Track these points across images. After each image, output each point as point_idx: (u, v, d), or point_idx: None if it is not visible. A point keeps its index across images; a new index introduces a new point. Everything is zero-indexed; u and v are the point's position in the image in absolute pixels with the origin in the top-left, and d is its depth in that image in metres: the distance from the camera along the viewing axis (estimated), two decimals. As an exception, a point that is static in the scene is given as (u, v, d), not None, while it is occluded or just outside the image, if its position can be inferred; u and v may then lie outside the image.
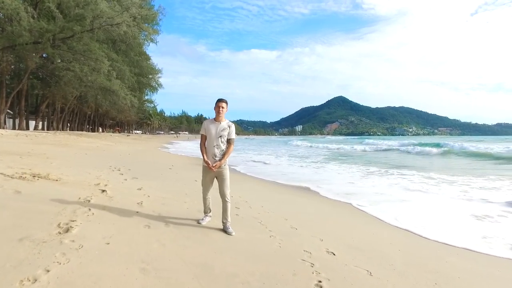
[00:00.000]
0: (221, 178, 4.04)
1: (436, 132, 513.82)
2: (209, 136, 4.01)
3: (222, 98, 4.08)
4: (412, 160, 22.03)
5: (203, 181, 4.17)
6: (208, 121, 4.11)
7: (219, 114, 4.02)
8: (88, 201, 4.32)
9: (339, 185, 9.92)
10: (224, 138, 4.01)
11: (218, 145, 3.98)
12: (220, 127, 4.01)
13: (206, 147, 4.04)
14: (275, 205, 6.20)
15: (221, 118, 4.05)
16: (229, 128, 4.05)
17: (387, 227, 5.42)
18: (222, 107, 4.02)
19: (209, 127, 4.03)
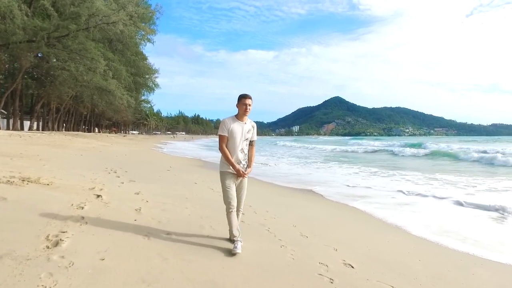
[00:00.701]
0: (243, 186, 3.54)
1: (432, 133, 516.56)
2: (233, 138, 3.38)
3: (247, 94, 3.42)
4: (404, 160, 21.85)
5: (226, 191, 3.40)
6: (230, 120, 3.42)
7: (246, 113, 3.40)
8: (82, 208, 3.96)
9: (342, 187, 9.61)
10: (248, 141, 3.51)
11: (243, 149, 3.44)
12: (245, 128, 3.44)
13: (230, 151, 3.40)
14: (280, 209, 5.88)
15: (245, 118, 3.46)
16: (253, 129, 3.54)
17: (400, 233, 5.11)
18: (249, 105, 3.39)
19: (234, 128, 3.38)
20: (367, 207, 6.89)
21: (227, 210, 3.42)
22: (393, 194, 8.53)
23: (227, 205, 3.41)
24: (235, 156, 3.40)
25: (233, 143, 3.39)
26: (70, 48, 26.23)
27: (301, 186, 9.73)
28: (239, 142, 3.39)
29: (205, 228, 3.98)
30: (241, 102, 3.40)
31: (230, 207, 3.40)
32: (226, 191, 3.41)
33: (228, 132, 3.37)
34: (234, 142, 3.38)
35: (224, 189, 3.44)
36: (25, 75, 32.69)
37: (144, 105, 79.89)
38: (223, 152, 3.39)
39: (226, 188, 3.42)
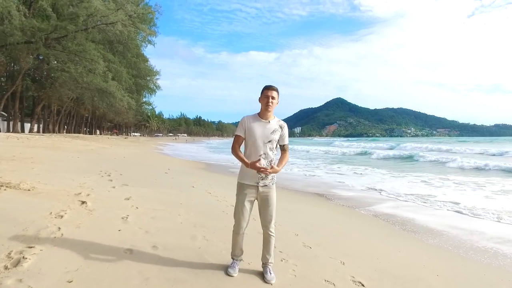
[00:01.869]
0: (267, 201, 2.77)
1: (434, 133, 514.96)
2: (252, 139, 2.71)
3: (272, 85, 2.76)
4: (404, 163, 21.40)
5: (238, 207, 2.79)
6: (250, 118, 2.77)
7: (268, 108, 2.70)
8: (61, 216, 3.57)
9: (348, 190, 9.20)
10: (274, 144, 2.76)
11: (266, 154, 2.71)
12: (269, 128, 2.74)
13: (248, 156, 2.75)
14: (282, 216, 5.46)
15: (270, 115, 2.77)
16: (281, 129, 2.80)
17: (412, 241, 4.69)
18: (272, 97, 2.70)
19: (253, 127, 2.72)
20: (375, 213, 6.48)
21: (233, 230, 2.87)
22: (402, 198, 8.12)
23: (234, 224, 2.84)
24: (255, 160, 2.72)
25: (252, 146, 2.72)
26: (70, 49, 25.99)
27: (306, 190, 9.32)
28: (260, 146, 2.70)
29: (197, 238, 3.58)
30: (263, 94, 2.73)
31: (237, 228, 2.81)
32: (236, 207, 2.82)
33: (245, 132, 2.75)
34: (252, 145, 2.72)
35: (235, 204, 2.83)
36: (26, 77, 32.49)
37: (146, 107, 79.69)
38: (234, 153, 2.79)
39: (237, 204, 2.81)
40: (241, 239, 2.88)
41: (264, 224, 2.84)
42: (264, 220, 2.83)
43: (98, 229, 3.35)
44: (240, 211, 2.78)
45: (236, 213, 2.82)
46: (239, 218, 2.80)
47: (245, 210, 2.77)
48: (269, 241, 2.85)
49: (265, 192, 2.78)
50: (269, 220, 2.82)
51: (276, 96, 2.76)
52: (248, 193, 2.76)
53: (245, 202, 2.76)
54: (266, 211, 2.81)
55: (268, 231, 2.83)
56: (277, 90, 2.77)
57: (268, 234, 2.84)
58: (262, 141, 2.72)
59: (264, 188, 2.77)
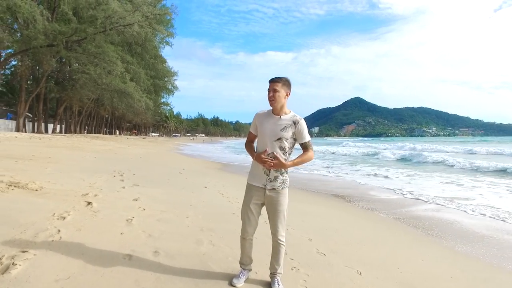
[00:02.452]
0: (275, 206, 2.50)
1: (457, 133, 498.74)
2: (262, 136, 2.52)
3: (276, 77, 2.50)
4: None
5: (243, 209, 2.58)
6: (262, 114, 2.57)
7: (272, 102, 2.47)
8: (63, 218, 3.46)
9: (367, 190, 8.81)
10: (285, 143, 2.46)
11: (275, 153, 2.46)
12: (279, 124, 2.47)
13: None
14: (295, 218, 5.19)
15: (281, 109, 2.50)
16: (294, 125, 2.48)
17: (438, 248, 4.33)
18: (274, 90, 2.45)
19: (262, 123, 2.51)
20: (397, 216, 6.11)
21: (240, 235, 2.63)
22: (426, 200, 7.68)
23: (241, 229, 2.61)
24: None
25: (261, 142, 2.53)
26: (89, 51, 26.59)
27: (323, 190, 8.99)
28: (268, 142, 2.46)
29: (203, 243, 3.38)
30: (268, 88, 2.51)
31: (243, 232, 2.59)
32: (242, 209, 2.60)
33: (256, 128, 2.58)
34: (261, 140, 2.53)
35: (242, 207, 2.62)
36: (49, 79, 33.50)
37: (164, 107, 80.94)
38: (246, 147, 2.68)
39: (243, 205, 2.59)
40: (249, 246, 2.62)
41: (272, 231, 2.58)
42: (272, 227, 2.57)
43: (99, 232, 3.21)
44: (246, 214, 2.56)
45: (242, 216, 2.60)
46: (245, 221, 2.57)
47: (250, 213, 2.54)
48: (278, 250, 2.57)
49: (273, 197, 2.50)
50: (277, 228, 2.55)
51: (280, 87, 2.46)
52: (254, 195, 2.53)
53: (250, 204, 2.53)
54: (274, 218, 2.54)
55: (277, 240, 2.56)
56: (281, 81, 2.48)
57: (277, 243, 2.56)
58: (270, 138, 2.47)
59: (272, 192, 2.50)
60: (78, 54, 26.97)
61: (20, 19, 24.29)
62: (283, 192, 2.54)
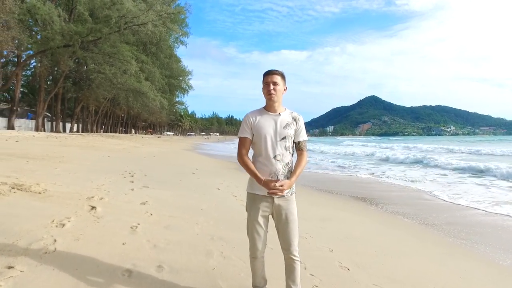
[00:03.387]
0: (285, 217, 2.16)
1: (477, 132, 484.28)
2: (260, 138, 2.16)
3: (272, 69, 2.20)
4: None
5: (250, 225, 2.20)
6: (256, 113, 2.23)
7: (271, 97, 2.14)
8: (63, 225, 3.19)
9: (392, 191, 8.30)
10: (289, 142, 2.18)
11: (281, 154, 2.15)
12: (281, 122, 2.18)
13: (256, 161, 2.19)
14: (314, 225, 4.81)
15: (277, 106, 2.21)
16: (295, 122, 2.22)
17: (481, 260, 3.85)
18: (274, 83, 2.15)
19: (260, 123, 2.18)
20: (429, 222, 5.63)
21: (249, 253, 2.25)
22: (461, 203, 7.14)
23: (250, 246, 2.23)
24: (269, 168, 2.14)
25: (263, 146, 2.15)
26: (104, 51, 26.85)
27: (340, 191, 8.54)
28: (272, 144, 2.14)
29: (213, 255, 3.05)
30: (263, 82, 2.19)
31: (253, 251, 2.20)
32: (248, 225, 2.22)
33: (251, 131, 2.18)
34: (262, 144, 2.15)
35: (247, 220, 2.23)
36: (67, 79, 34.10)
37: (178, 106, 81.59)
38: (241, 162, 2.20)
39: (249, 220, 2.21)
40: (261, 265, 2.25)
41: (285, 246, 2.19)
42: (284, 242, 2.18)
43: (99, 242, 2.92)
44: (254, 229, 2.18)
45: (249, 232, 2.22)
46: (254, 238, 2.19)
47: (259, 228, 2.17)
48: (293, 267, 2.18)
49: (283, 206, 2.16)
50: (291, 242, 2.16)
51: (280, 81, 2.18)
52: (261, 206, 2.16)
53: (258, 218, 2.16)
54: (286, 230, 2.17)
55: (291, 256, 2.17)
56: (280, 74, 2.20)
57: (291, 259, 2.17)
58: (274, 139, 2.16)
59: (281, 200, 2.16)
60: (94, 54, 27.30)
61: (39, 21, 24.76)
62: (292, 198, 2.22)
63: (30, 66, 34.74)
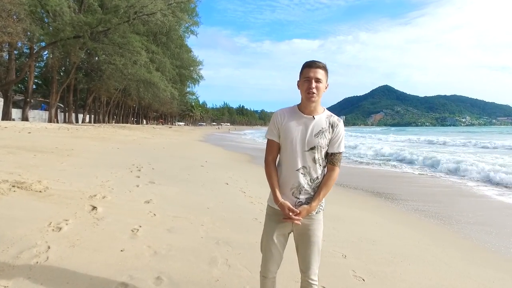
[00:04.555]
0: (307, 237, 1.87)
1: (494, 122, 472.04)
2: (287, 144, 1.83)
3: (315, 61, 1.81)
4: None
5: (265, 241, 1.92)
6: (286, 112, 1.88)
7: (312, 97, 1.78)
8: (59, 229, 3.02)
9: (412, 184, 7.96)
10: (319, 153, 1.83)
11: (308, 168, 1.82)
12: (313, 127, 1.82)
13: (282, 170, 1.88)
14: (327, 225, 4.53)
15: (315, 107, 1.84)
16: (332, 129, 1.84)
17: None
18: (317, 80, 1.78)
19: (288, 126, 1.84)
20: (456, 220, 5.32)
21: (260, 270, 1.96)
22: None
23: (261, 263, 1.94)
24: (291, 180, 1.83)
25: (288, 154, 1.84)
26: (114, 42, 26.76)
27: (358, 185, 8.24)
28: (298, 153, 1.81)
29: (217, 263, 2.84)
30: (303, 76, 1.80)
31: (264, 270, 1.91)
32: (263, 240, 1.94)
33: (278, 133, 1.86)
34: (288, 151, 1.83)
35: (262, 235, 1.96)
36: (78, 70, 34.30)
37: (189, 96, 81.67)
38: (266, 170, 1.90)
39: (264, 236, 1.93)
40: (271, 286, 1.95)
41: (303, 268, 1.90)
42: (303, 263, 1.90)
43: (95, 249, 2.73)
44: (268, 247, 1.89)
45: (263, 249, 1.94)
46: (266, 257, 1.90)
47: (273, 247, 1.88)
48: None
49: (305, 225, 1.85)
50: (309, 265, 1.87)
51: (324, 77, 1.80)
52: (279, 224, 1.87)
53: (274, 235, 1.87)
54: (306, 252, 1.87)
55: (308, 279, 1.88)
56: (324, 67, 1.81)
57: (308, 283, 1.88)
58: (300, 147, 1.81)
59: (305, 218, 1.84)
60: (104, 45, 27.25)
61: (50, 12, 24.77)
62: (318, 218, 1.89)
63: (43, 58, 35.10)
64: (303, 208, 1.79)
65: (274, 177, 1.86)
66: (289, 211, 1.78)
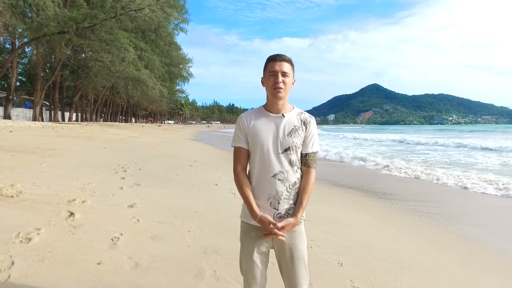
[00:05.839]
0: (289, 253, 1.61)
1: (479, 121, 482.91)
2: (256, 148, 1.61)
3: (279, 54, 1.62)
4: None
5: (244, 262, 1.64)
6: (252, 114, 1.68)
7: (278, 93, 1.58)
8: (29, 240, 2.73)
9: (406, 182, 7.84)
10: (295, 154, 1.61)
11: (285, 172, 1.59)
12: (284, 126, 1.61)
13: (254, 179, 1.64)
14: (321, 230, 4.36)
15: (283, 105, 1.64)
16: (304, 126, 1.64)
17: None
18: (283, 74, 1.58)
19: (256, 128, 1.62)
20: (456, 220, 5.18)
21: None
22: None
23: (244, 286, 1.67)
24: (267, 189, 1.59)
25: (260, 160, 1.60)
26: (101, 38, 26.08)
27: (351, 184, 8.07)
28: (272, 156, 1.58)
29: (204, 276, 2.59)
30: (267, 70, 1.61)
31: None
32: (241, 261, 1.67)
33: (245, 138, 1.64)
34: (260, 157, 1.60)
35: (240, 257, 1.68)
36: (64, 67, 33.40)
37: (179, 94, 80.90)
38: (236, 181, 1.66)
39: (243, 258, 1.65)
40: None
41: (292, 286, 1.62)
42: (290, 285, 1.62)
43: (68, 263, 2.45)
44: (248, 269, 1.61)
45: (243, 270, 1.66)
46: (248, 279, 1.62)
47: (255, 268, 1.60)
48: None
49: (286, 240, 1.59)
50: (298, 285, 1.60)
51: (290, 70, 1.61)
52: (258, 240, 1.61)
53: (253, 255, 1.60)
54: (290, 271, 1.61)
55: None
56: (290, 60, 1.62)
57: None
58: (274, 150, 1.59)
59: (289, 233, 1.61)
60: (90, 42, 26.55)
61: (33, 6, 23.95)
62: (299, 230, 1.65)
63: (26, 54, 34.06)
64: (287, 222, 1.55)
65: (247, 187, 1.61)
66: (271, 226, 1.52)
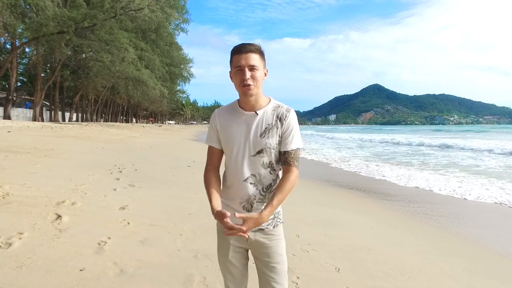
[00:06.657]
0: (265, 257, 1.48)
1: (481, 121, 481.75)
2: (228, 152, 1.49)
3: (245, 44, 1.42)
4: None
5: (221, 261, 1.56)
6: (224, 111, 1.54)
7: (248, 89, 1.40)
8: (9, 245, 2.60)
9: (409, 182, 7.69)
10: (269, 156, 1.45)
11: (258, 175, 1.45)
12: (257, 126, 1.45)
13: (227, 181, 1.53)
14: (318, 232, 4.22)
15: (256, 101, 1.47)
16: (280, 122, 1.46)
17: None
18: (251, 67, 1.39)
19: (227, 128, 1.48)
20: (462, 221, 5.03)
21: None
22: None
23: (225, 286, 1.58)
24: (237, 191, 1.47)
25: (232, 162, 1.47)
26: (103, 38, 26.01)
27: (349, 184, 7.93)
28: (244, 159, 1.45)
29: (193, 283, 2.46)
30: (233, 65, 1.43)
31: None
32: (220, 263, 1.57)
33: (217, 137, 1.52)
34: (232, 159, 1.47)
35: (218, 256, 1.57)
36: (64, 67, 33.34)
37: (180, 95, 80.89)
38: (204, 177, 1.53)
39: (219, 257, 1.55)
40: None
41: None
42: (264, 284, 1.49)
43: (48, 270, 2.32)
44: (226, 269, 1.53)
45: (221, 269, 1.57)
46: (226, 279, 1.54)
47: (232, 268, 1.51)
48: None
49: (261, 243, 1.47)
50: (275, 283, 1.46)
51: (259, 62, 1.42)
52: (231, 241, 1.49)
53: (229, 254, 1.50)
54: (266, 278, 1.47)
55: None
56: (258, 50, 1.43)
57: None
58: (245, 152, 1.44)
59: (259, 234, 1.46)
60: (90, 42, 26.48)
61: (32, 6, 23.88)
62: (276, 233, 1.50)
63: (26, 54, 34.00)
64: (249, 216, 1.32)
65: (210, 186, 1.46)
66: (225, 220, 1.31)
